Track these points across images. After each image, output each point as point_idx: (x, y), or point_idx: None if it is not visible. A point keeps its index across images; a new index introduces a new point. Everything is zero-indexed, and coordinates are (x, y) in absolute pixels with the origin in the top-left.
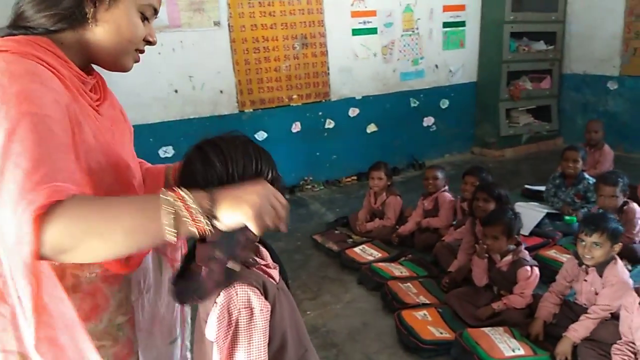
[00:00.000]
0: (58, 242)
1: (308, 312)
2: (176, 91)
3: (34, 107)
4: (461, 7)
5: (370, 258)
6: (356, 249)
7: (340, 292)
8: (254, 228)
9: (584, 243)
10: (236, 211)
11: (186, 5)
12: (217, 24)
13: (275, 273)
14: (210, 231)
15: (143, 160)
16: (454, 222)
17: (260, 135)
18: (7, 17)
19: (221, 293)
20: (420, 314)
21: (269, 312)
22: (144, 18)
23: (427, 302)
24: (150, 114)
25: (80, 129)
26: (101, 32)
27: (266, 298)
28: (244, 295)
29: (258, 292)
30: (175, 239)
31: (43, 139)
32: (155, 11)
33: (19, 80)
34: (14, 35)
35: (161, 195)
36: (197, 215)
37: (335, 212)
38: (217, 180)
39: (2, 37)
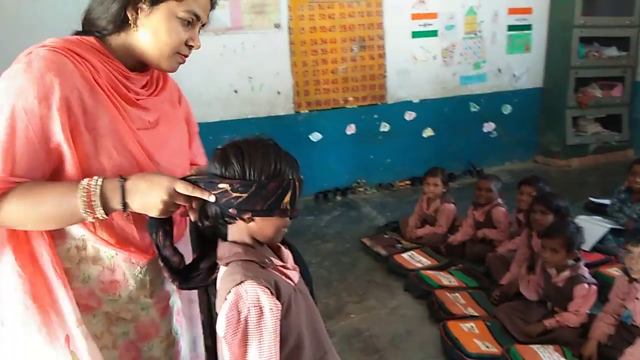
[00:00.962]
0: (6, 220)
1: (352, 315)
2: (236, 91)
3: (26, 104)
4: (527, 10)
5: (419, 265)
6: (405, 255)
7: (386, 298)
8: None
9: (631, 255)
10: (143, 211)
11: (248, 8)
12: (277, 26)
13: (294, 274)
14: (102, 217)
15: (202, 163)
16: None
17: (315, 137)
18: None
19: (231, 290)
20: (467, 325)
21: (279, 311)
22: (186, 24)
23: (475, 314)
24: (210, 113)
25: (96, 113)
26: (142, 36)
27: (278, 298)
28: (253, 293)
29: (268, 291)
30: (92, 219)
31: (16, 134)
32: (198, 17)
33: (31, 74)
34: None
35: (80, 183)
36: (95, 205)
37: (386, 216)
38: (234, 178)
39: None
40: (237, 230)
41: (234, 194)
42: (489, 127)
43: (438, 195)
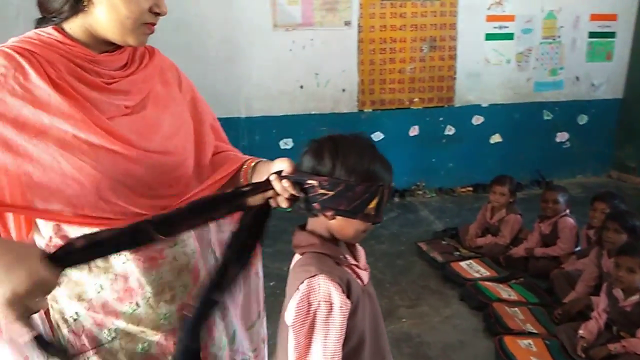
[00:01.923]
0: None
1: (403, 320)
2: (302, 87)
3: None
4: (612, 17)
5: (477, 275)
6: (462, 264)
7: (440, 306)
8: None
9: None
10: None
11: (320, 5)
12: (347, 23)
13: (364, 275)
14: None
15: (228, 148)
16: (576, 250)
17: (377, 136)
18: None
19: (304, 281)
20: (524, 342)
21: (348, 309)
22: None
23: (534, 331)
24: (275, 107)
25: (41, 117)
26: (99, 13)
27: (349, 297)
28: (325, 288)
29: (340, 288)
30: None
31: None
32: None
33: None
34: (38, 27)
35: None
36: None
37: (445, 221)
38: (325, 174)
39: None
40: (318, 222)
41: (321, 190)
42: (562, 137)
43: (504, 205)
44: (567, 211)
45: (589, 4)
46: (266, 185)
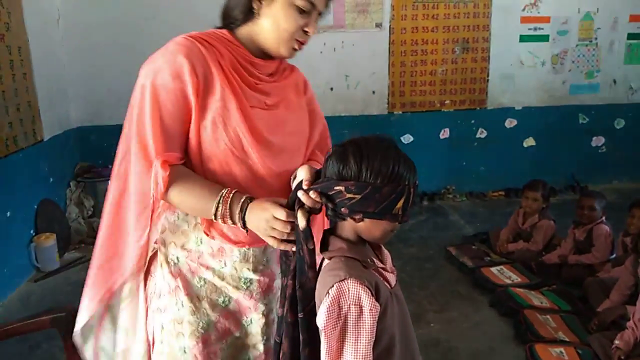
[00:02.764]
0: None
1: (432, 324)
2: (332, 89)
3: (164, 81)
4: None
5: (508, 281)
6: (493, 269)
7: (470, 311)
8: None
9: None
10: (252, 227)
11: (352, 7)
12: (378, 25)
13: (392, 277)
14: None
15: (319, 158)
16: (611, 257)
17: (407, 139)
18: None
19: (334, 285)
20: (556, 350)
21: (378, 312)
22: (303, 11)
23: (566, 339)
24: None
25: (212, 90)
26: (264, 24)
27: (377, 299)
28: (355, 292)
29: (369, 291)
30: (220, 221)
31: (162, 109)
32: (314, 5)
33: (166, 56)
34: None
35: (221, 191)
36: (227, 217)
37: (476, 226)
38: (351, 178)
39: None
40: (345, 226)
41: (348, 195)
42: (598, 141)
43: (537, 210)
44: (604, 218)
45: (628, 5)
46: (299, 202)
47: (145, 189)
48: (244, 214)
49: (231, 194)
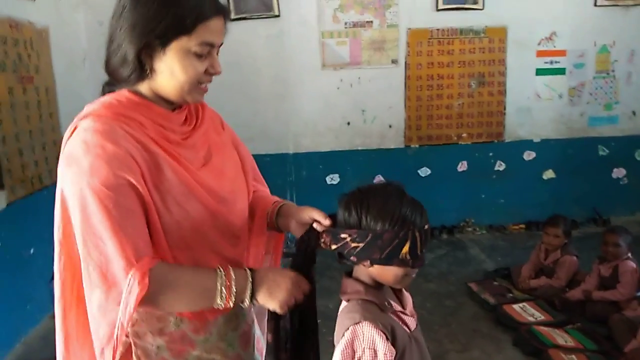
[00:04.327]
0: (151, 301)
1: None
2: (348, 123)
3: (103, 179)
4: None
5: (531, 319)
6: (515, 306)
7: (493, 351)
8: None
9: None
10: (267, 303)
11: (368, 44)
12: (394, 61)
13: (411, 321)
14: (242, 305)
15: (261, 188)
16: (638, 295)
17: (424, 172)
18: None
19: (349, 328)
20: None
21: (393, 357)
22: (200, 56)
23: None
24: (322, 143)
25: (159, 169)
26: (161, 79)
27: (394, 344)
28: (369, 335)
29: (384, 336)
30: (221, 305)
31: (113, 212)
32: (212, 45)
33: (92, 151)
34: (108, 91)
35: (217, 272)
36: (232, 296)
37: (497, 260)
38: (354, 226)
39: (102, 96)
40: (361, 269)
41: (353, 244)
42: (618, 172)
43: (558, 246)
44: (629, 254)
45: None
46: (315, 240)
47: (107, 320)
48: (254, 288)
49: (231, 272)
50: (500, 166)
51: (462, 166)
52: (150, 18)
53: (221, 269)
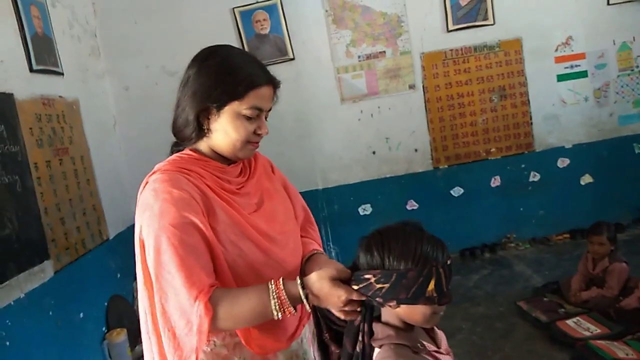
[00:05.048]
0: (215, 323)
1: None
2: (374, 152)
3: (171, 219)
4: None
5: (587, 333)
6: (569, 321)
7: None
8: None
9: None
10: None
11: (383, 74)
12: (412, 87)
13: (447, 359)
14: (292, 312)
15: (310, 232)
16: None
17: (457, 191)
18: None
19: None
20: None
21: None
22: (250, 118)
23: None
24: (350, 175)
25: (214, 212)
26: (217, 137)
27: None
28: None
29: None
30: (280, 316)
31: (179, 249)
32: (260, 110)
33: (160, 196)
34: (176, 151)
35: (269, 286)
36: (287, 305)
37: (544, 275)
38: (377, 266)
39: (170, 153)
40: (389, 312)
41: (378, 285)
42: None
43: (605, 254)
44: None
45: None
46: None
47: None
48: (306, 292)
49: (280, 283)
50: (534, 177)
51: (496, 181)
52: (209, 86)
53: (272, 282)
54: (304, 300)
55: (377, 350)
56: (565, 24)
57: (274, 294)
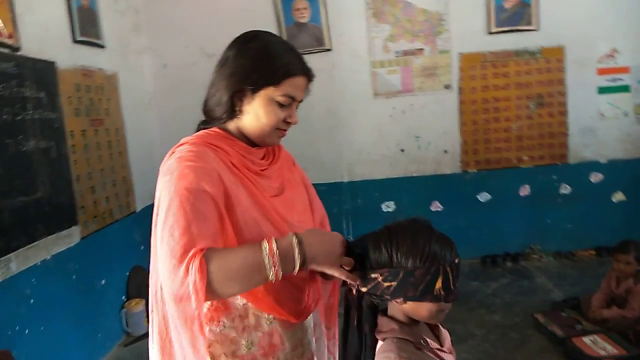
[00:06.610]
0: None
1: None
2: (402, 150)
3: (187, 183)
4: None
5: (603, 353)
6: (585, 339)
7: None
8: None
9: None
10: (313, 254)
11: (419, 72)
12: (447, 87)
13: (449, 358)
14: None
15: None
16: None
17: (483, 197)
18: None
19: None
20: None
21: None
22: (282, 105)
23: None
24: (377, 171)
25: (238, 190)
26: (248, 119)
27: None
28: None
29: None
30: (272, 276)
31: (188, 212)
32: (293, 98)
33: (183, 163)
34: (202, 128)
35: (262, 246)
36: (279, 263)
37: (565, 289)
38: (385, 264)
39: (196, 132)
40: (395, 307)
41: (385, 284)
42: None
43: (631, 274)
44: None
45: None
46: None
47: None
48: (302, 247)
49: (273, 241)
50: (565, 189)
51: (525, 190)
52: (247, 68)
53: (265, 241)
54: (295, 249)
55: (380, 342)
56: (610, 36)
57: (267, 251)
